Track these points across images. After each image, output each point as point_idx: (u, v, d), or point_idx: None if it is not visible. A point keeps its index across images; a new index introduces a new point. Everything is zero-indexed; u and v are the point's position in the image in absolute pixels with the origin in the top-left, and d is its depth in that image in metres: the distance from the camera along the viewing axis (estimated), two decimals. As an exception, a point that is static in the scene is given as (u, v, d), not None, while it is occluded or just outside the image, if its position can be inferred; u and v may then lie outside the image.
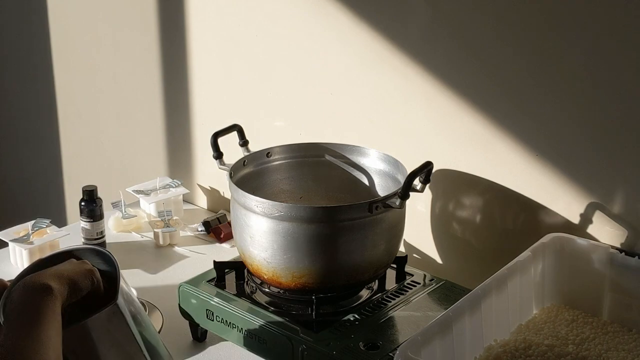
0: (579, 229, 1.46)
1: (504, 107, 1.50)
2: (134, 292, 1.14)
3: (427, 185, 1.42)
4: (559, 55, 1.41)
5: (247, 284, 1.50)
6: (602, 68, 1.37)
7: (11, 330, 0.93)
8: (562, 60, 1.40)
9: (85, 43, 2.38)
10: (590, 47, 1.37)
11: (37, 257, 1.61)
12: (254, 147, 1.60)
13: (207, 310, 1.47)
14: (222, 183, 2.02)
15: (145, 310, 1.41)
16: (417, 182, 1.39)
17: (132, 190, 2.02)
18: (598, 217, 1.44)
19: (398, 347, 1.17)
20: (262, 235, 1.38)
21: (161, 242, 1.90)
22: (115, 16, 2.24)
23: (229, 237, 1.90)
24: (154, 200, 1.98)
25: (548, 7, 1.40)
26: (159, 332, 1.46)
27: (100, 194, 1.89)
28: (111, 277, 1.06)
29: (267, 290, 1.46)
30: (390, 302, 1.44)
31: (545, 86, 1.44)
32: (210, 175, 2.08)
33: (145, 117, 2.23)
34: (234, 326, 1.43)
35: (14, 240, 1.80)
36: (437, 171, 1.47)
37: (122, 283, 1.05)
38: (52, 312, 0.94)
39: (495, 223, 1.58)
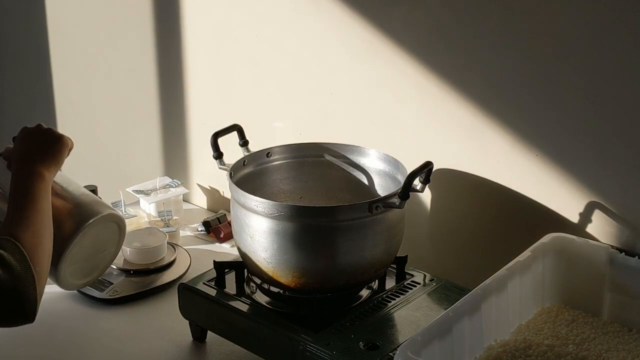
0: (579, 229, 1.46)
1: (505, 107, 1.50)
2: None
3: (427, 185, 1.42)
4: (559, 54, 1.41)
5: (247, 284, 1.50)
6: (602, 67, 1.37)
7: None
8: (562, 59, 1.40)
9: (83, 43, 2.38)
10: (591, 47, 1.37)
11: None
12: (254, 147, 1.60)
13: (207, 310, 1.47)
14: (222, 183, 2.01)
15: None
16: (417, 182, 1.39)
17: (132, 190, 2.02)
18: (598, 217, 1.44)
19: (398, 347, 1.17)
20: (262, 235, 1.38)
21: (161, 242, 1.90)
22: (113, 15, 2.24)
23: (229, 237, 1.90)
24: (154, 200, 1.98)
25: (548, 6, 1.40)
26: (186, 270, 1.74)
27: (100, 194, 1.89)
28: None
29: (267, 290, 1.46)
30: (390, 302, 1.44)
31: (545, 85, 1.44)
32: (210, 175, 2.08)
33: (145, 117, 2.23)
34: (234, 326, 1.43)
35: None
36: (437, 170, 1.47)
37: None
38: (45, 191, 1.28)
39: (495, 223, 1.57)
